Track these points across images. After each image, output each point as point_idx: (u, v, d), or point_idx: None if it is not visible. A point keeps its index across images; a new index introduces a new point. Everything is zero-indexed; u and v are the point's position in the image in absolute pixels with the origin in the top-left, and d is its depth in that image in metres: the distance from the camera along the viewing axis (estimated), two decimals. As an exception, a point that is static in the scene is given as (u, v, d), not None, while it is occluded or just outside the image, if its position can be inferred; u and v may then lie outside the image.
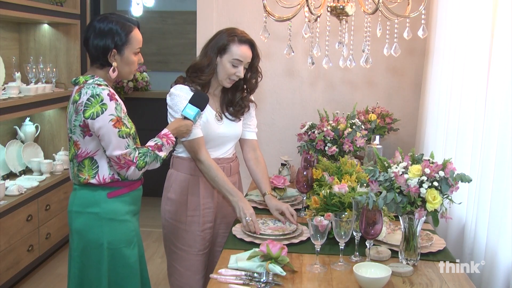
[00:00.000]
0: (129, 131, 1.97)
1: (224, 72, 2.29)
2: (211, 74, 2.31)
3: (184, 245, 2.33)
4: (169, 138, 2.08)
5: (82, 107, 1.92)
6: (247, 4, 3.85)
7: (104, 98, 1.91)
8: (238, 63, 2.27)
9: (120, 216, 2.02)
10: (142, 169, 2.00)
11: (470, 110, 2.44)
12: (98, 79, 1.99)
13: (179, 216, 2.34)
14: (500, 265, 2.02)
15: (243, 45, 2.28)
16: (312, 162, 2.61)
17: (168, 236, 2.38)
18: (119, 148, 1.93)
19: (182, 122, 2.15)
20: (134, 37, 2.02)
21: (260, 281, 1.76)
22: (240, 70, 2.28)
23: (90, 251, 2.01)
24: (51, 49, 4.30)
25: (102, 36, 1.97)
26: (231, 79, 2.31)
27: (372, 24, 2.31)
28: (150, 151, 2.00)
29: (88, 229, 2.00)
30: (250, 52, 2.31)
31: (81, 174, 1.99)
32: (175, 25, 7.24)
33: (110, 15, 2.04)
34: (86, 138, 1.96)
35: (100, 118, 1.90)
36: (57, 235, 3.92)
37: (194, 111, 2.15)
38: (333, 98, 3.88)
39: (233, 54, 2.27)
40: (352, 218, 1.89)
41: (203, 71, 2.30)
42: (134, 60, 2.04)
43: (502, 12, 2.12)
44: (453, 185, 1.77)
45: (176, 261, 2.35)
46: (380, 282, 1.71)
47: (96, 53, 1.99)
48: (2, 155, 3.81)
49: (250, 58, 2.31)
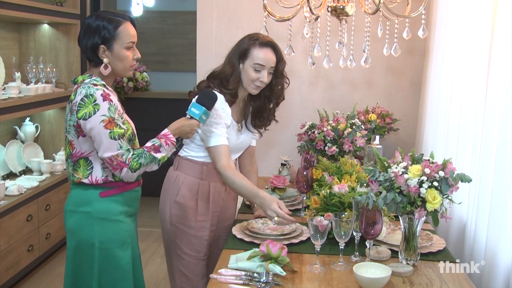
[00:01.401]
0: (123, 132, 1.93)
1: (247, 78, 2.20)
2: (237, 82, 2.22)
3: (192, 251, 2.26)
4: (168, 138, 2.02)
5: (76, 107, 1.90)
6: (247, 4, 3.85)
7: (97, 99, 1.89)
8: (261, 68, 2.18)
9: (113, 216, 1.99)
10: (137, 171, 1.95)
11: (470, 110, 2.44)
12: (95, 79, 1.96)
13: (188, 221, 2.25)
14: (500, 265, 2.02)
15: (264, 48, 2.19)
16: (312, 162, 2.61)
17: (173, 241, 2.28)
18: (110, 150, 1.90)
19: (186, 122, 2.08)
20: (123, 31, 1.95)
21: (260, 281, 1.76)
22: (264, 75, 2.19)
23: (82, 250, 1.99)
24: (51, 49, 4.30)
25: (90, 33, 1.94)
26: (256, 85, 2.21)
27: (372, 24, 2.31)
28: (145, 152, 1.96)
29: (80, 228, 1.99)
30: (273, 55, 2.20)
31: (76, 173, 1.98)
32: (175, 25, 7.24)
33: (101, 12, 2.00)
34: (80, 138, 1.94)
35: (91, 118, 1.88)
36: (57, 235, 3.92)
37: (200, 110, 2.08)
38: (333, 98, 3.87)
39: (254, 58, 2.18)
40: (352, 218, 1.89)
41: (228, 80, 2.21)
42: (126, 55, 1.98)
43: (502, 12, 2.12)
44: (453, 185, 1.77)
45: (183, 266, 2.27)
46: (380, 282, 1.71)
47: (87, 51, 1.97)
48: (2, 155, 3.81)
49: (273, 62, 2.21)
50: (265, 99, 2.34)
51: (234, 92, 2.23)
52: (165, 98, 5.81)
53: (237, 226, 2.24)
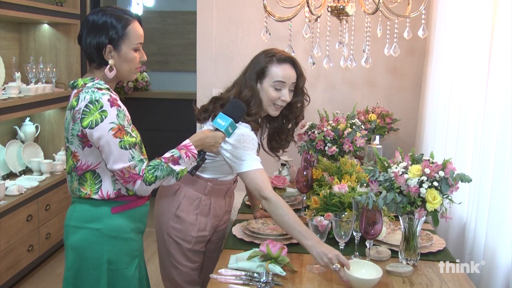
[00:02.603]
0: (134, 141, 1.72)
1: (267, 98, 2.05)
2: (259, 105, 2.05)
3: (187, 261, 2.19)
4: (190, 150, 1.81)
5: (80, 114, 1.69)
6: (247, 4, 3.85)
7: (104, 105, 1.68)
8: (281, 85, 2.05)
9: (124, 234, 1.81)
10: (153, 184, 1.74)
11: (470, 110, 2.44)
12: (98, 82, 1.76)
13: (187, 236, 2.15)
14: (500, 265, 2.02)
15: (283, 64, 2.05)
16: (312, 162, 2.61)
17: (168, 250, 2.20)
18: (122, 161, 1.69)
19: (210, 133, 1.89)
20: (132, 30, 1.77)
21: (260, 281, 1.76)
22: (285, 94, 2.05)
23: (86, 271, 1.79)
24: (51, 49, 4.30)
25: (96, 31, 1.73)
26: (276, 105, 2.07)
27: (372, 24, 2.31)
28: (162, 163, 1.75)
29: (87, 246, 1.78)
30: (293, 71, 2.07)
31: (83, 188, 1.77)
32: (175, 25, 7.24)
33: (106, 7, 1.79)
34: (85, 149, 1.73)
35: (99, 127, 1.67)
36: (57, 235, 3.92)
37: (227, 122, 1.89)
38: (333, 98, 3.87)
39: (273, 76, 2.04)
40: (352, 218, 1.89)
41: (249, 104, 2.02)
42: (134, 57, 1.79)
43: (502, 12, 2.12)
44: (453, 185, 1.77)
45: (176, 275, 2.22)
46: (369, 283, 1.69)
47: (90, 51, 1.76)
48: (2, 155, 3.81)
49: (294, 78, 2.07)
50: (283, 119, 2.21)
51: (257, 118, 2.07)
52: (165, 98, 5.81)
53: (237, 226, 2.24)
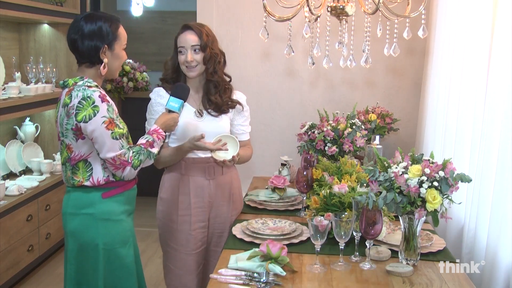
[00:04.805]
0: (122, 132, 1.97)
1: (180, 64, 2.34)
2: (174, 70, 2.38)
3: (177, 244, 2.33)
4: (159, 133, 2.09)
5: (74, 110, 1.91)
6: (247, 4, 3.85)
7: (95, 100, 1.90)
8: (183, 50, 2.30)
9: (115, 216, 2.03)
10: (138, 168, 2.01)
11: (470, 110, 2.44)
12: (87, 80, 1.98)
13: (171, 215, 2.34)
14: (500, 265, 2.02)
15: (182, 32, 2.32)
16: (312, 162, 2.61)
17: (163, 235, 2.39)
18: (113, 150, 1.94)
19: (169, 116, 2.16)
20: (122, 32, 2.05)
21: (260, 281, 1.76)
22: (188, 55, 2.29)
23: (85, 252, 2.00)
24: (51, 49, 4.30)
25: (93, 35, 1.97)
26: (187, 67, 2.32)
27: (372, 24, 2.31)
28: (143, 148, 2.02)
29: (83, 230, 2.00)
30: (192, 35, 2.30)
31: (76, 176, 2.00)
32: (175, 25, 7.21)
33: (94, 13, 2.06)
34: (79, 141, 1.96)
35: (92, 121, 1.90)
36: (57, 235, 3.92)
37: (178, 103, 2.18)
38: (333, 98, 3.88)
39: (177, 44, 2.32)
40: (352, 218, 1.89)
41: (166, 68, 2.40)
42: (123, 55, 2.08)
43: (502, 12, 2.12)
44: (453, 185, 1.77)
45: (170, 260, 2.36)
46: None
47: (88, 52, 1.99)
48: (2, 155, 3.81)
49: (193, 41, 2.29)
50: (211, 84, 2.38)
51: (168, 78, 2.40)
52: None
53: (237, 226, 2.25)
